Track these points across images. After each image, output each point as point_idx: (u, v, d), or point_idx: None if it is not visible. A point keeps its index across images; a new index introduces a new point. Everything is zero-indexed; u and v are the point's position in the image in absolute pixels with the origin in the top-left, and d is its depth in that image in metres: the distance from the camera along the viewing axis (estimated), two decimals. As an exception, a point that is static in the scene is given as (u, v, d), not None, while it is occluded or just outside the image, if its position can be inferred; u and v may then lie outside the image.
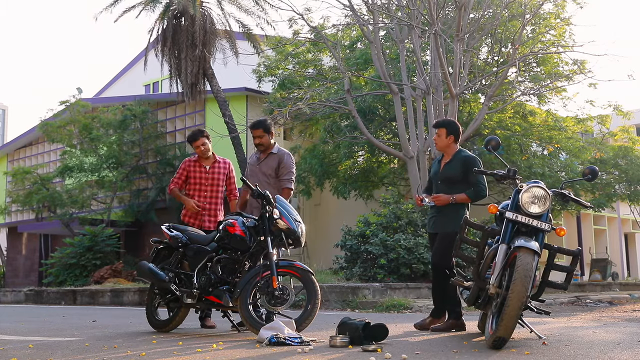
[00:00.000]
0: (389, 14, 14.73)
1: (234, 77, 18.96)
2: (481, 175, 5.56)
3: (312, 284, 5.38)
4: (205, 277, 5.65)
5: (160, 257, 6.11)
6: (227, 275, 5.62)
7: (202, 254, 5.73)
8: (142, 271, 6.01)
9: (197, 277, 5.69)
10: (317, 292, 5.37)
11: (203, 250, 5.73)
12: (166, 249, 6.09)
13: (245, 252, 5.58)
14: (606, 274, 19.34)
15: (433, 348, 4.56)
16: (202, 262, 5.70)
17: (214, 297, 5.58)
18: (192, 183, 6.70)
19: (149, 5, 18.28)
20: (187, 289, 5.67)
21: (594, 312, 8.61)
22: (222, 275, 5.62)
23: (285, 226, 5.39)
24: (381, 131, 17.62)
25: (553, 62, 16.41)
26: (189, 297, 5.64)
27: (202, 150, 6.65)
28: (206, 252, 5.72)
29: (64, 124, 21.01)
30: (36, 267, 24.71)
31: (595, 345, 4.56)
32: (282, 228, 5.39)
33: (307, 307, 5.31)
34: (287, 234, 5.42)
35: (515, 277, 4.28)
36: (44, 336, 5.80)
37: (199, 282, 5.67)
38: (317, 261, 16.71)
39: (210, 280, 5.62)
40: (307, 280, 5.39)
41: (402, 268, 10.95)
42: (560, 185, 5.12)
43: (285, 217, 5.42)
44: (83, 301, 14.34)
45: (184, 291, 5.66)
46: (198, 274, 5.70)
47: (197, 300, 5.67)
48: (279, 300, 5.27)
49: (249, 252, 5.55)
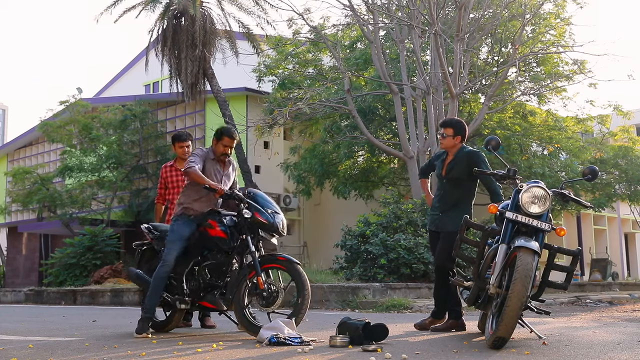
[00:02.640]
0: (389, 14, 14.74)
1: (234, 77, 18.96)
2: (489, 178, 5.51)
3: (299, 274, 5.26)
4: (195, 282, 5.58)
5: (146, 258, 6.08)
6: (216, 278, 5.54)
7: (186, 257, 5.61)
8: (131, 278, 6.06)
9: (187, 282, 5.61)
10: (304, 282, 5.24)
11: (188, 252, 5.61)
12: (151, 250, 6.05)
13: (229, 252, 5.49)
14: (606, 274, 19.33)
15: (433, 348, 4.56)
16: (188, 267, 5.61)
17: (207, 302, 5.53)
18: (171, 187, 6.75)
19: (149, 5, 18.27)
20: (179, 294, 5.59)
21: (594, 312, 8.61)
22: (211, 279, 5.55)
23: (263, 222, 5.33)
24: (381, 131, 17.62)
25: (553, 62, 16.42)
26: (182, 303, 5.57)
27: (186, 152, 6.68)
28: (189, 256, 5.61)
29: (64, 124, 21.01)
30: (36, 267, 24.70)
31: (595, 345, 4.56)
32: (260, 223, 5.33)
33: (298, 300, 5.26)
34: (266, 228, 5.37)
35: (515, 277, 4.28)
36: (44, 336, 5.79)
37: (189, 287, 5.60)
38: (317, 261, 16.71)
39: (200, 285, 5.55)
40: (293, 271, 5.30)
41: (402, 268, 10.95)
42: (560, 185, 5.11)
43: (259, 213, 5.33)
44: (83, 301, 14.34)
45: (176, 299, 5.59)
46: (187, 278, 5.62)
47: (190, 305, 5.62)
48: (270, 299, 5.24)
49: (233, 252, 5.46)
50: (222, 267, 5.51)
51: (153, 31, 18.24)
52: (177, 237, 5.53)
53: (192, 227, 5.57)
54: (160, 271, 5.47)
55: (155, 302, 5.54)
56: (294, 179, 18.16)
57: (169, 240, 5.55)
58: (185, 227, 5.55)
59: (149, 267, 5.90)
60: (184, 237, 5.53)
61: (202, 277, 5.56)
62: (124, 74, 28.74)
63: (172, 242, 5.52)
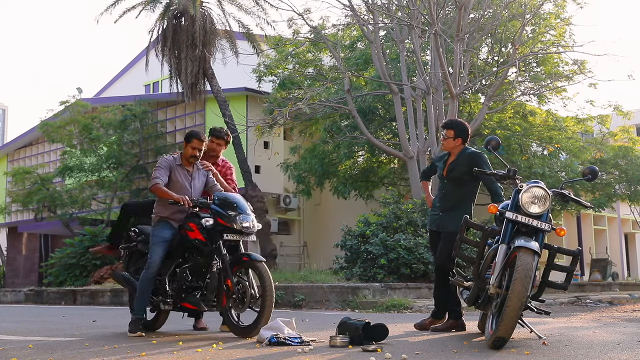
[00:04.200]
0: (389, 14, 14.74)
1: (234, 77, 18.95)
2: (490, 178, 5.51)
3: (260, 272, 5.29)
4: (177, 284, 5.71)
5: (134, 259, 6.19)
6: (197, 279, 5.65)
7: (169, 259, 5.74)
8: (117, 280, 6.24)
9: (169, 283, 5.74)
10: (265, 279, 5.24)
11: (169, 255, 5.75)
12: (137, 252, 6.17)
13: (209, 254, 5.55)
14: (606, 274, 19.33)
15: (433, 348, 4.56)
16: (170, 269, 5.74)
17: (189, 303, 5.66)
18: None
19: (149, 6, 18.26)
20: (162, 295, 5.73)
21: (594, 312, 8.61)
22: (192, 280, 5.66)
23: (226, 225, 5.40)
24: (381, 131, 17.62)
25: (553, 62, 16.41)
26: (165, 304, 5.73)
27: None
28: (171, 258, 5.74)
29: (64, 124, 20.99)
30: (36, 267, 24.69)
31: (595, 345, 4.56)
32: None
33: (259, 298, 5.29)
34: (230, 231, 5.44)
35: (515, 277, 4.28)
36: (44, 336, 5.79)
37: (172, 288, 5.72)
38: (317, 261, 16.72)
39: (182, 286, 5.67)
40: (254, 269, 5.36)
41: (402, 268, 10.94)
42: (560, 185, 5.11)
43: (221, 217, 5.41)
44: (83, 301, 14.34)
45: (159, 300, 5.73)
46: (170, 280, 5.75)
47: (173, 306, 5.75)
48: (239, 300, 5.36)
49: (212, 253, 5.52)
50: (202, 268, 5.63)
51: (153, 31, 18.24)
52: (160, 239, 5.69)
53: (173, 229, 5.74)
54: (146, 273, 5.64)
55: (144, 304, 5.72)
56: (294, 179, 18.16)
57: (152, 243, 5.72)
58: (166, 230, 5.73)
59: (136, 269, 6.04)
60: (166, 239, 5.69)
61: (183, 278, 5.70)
62: (124, 74, 28.74)
63: (155, 244, 5.69)
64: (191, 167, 5.88)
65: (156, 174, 5.71)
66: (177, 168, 5.81)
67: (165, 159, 5.85)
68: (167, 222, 5.75)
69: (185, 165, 5.85)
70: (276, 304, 10.30)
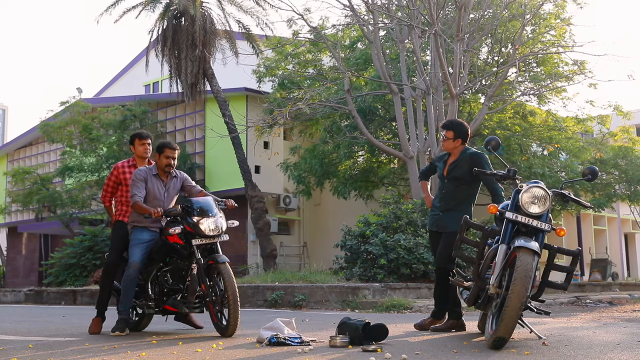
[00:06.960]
0: (389, 14, 14.74)
1: (234, 77, 18.96)
2: (490, 178, 5.50)
3: (223, 274, 5.34)
4: (158, 287, 5.86)
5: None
6: (177, 282, 5.79)
7: (151, 263, 5.89)
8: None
9: (152, 287, 5.90)
10: (226, 280, 5.30)
11: (151, 259, 5.89)
12: None
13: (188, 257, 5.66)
14: (606, 274, 19.34)
15: (433, 348, 4.56)
16: (152, 273, 5.89)
17: (170, 306, 5.79)
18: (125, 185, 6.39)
19: (149, 6, 18.27)
20: (145, 299, 5.89)
21: (594, 312, 8.61)
22: (173, 284, 5.81)
23: (191, 231, 5.50)
24: (381, 131, 17.62)
25: (553, 62, 16.41)
26: (148, 308, 5.89)
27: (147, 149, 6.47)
28: (153, 263, 5.88)
29: (64, 125, 20.99)
30: (36, 267, 24.70)
31: (595, 345, 4.56)
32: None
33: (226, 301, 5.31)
34: (198, 235, 5.51)
35: (515, 277, 4.28)
36: (44, 336, 5.80)
37: (154, 292, 5.87)
38: (317, 261, 16.72)
39: (163, 290, 5.82)
40: (219, 271, 5.41)
41: (402, 268, 10.95)
42: (560, 186, 5.11)
43: (188, 225, 5.51)
44: (83, 301, 14.33)
45: (142, 304, 5.90)
46: (152, 284, 5.90)
47: (155, 310, 5.89)
48: (220, 302, 5.43)
49: (191, 256, 5.60)
50: (182, 271, 5.75)
51: (153, 31, 18.25)
52: (138, 241, 5.87)
53: (150, 232, 5.89)
54: (128, 274, 5.80)
55: (129, 304, 5.88)
56: (294, 179, 18.16)
57: (131, 246, 5.90)
58: (144, 233, 5.89)
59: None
60: (144, 240, 5.86)
61: (164, 281, 5.84)
62: (124, 74, 28.73)
63: (134, 246, 5.87)
64: (166, 177, 6.01)
65: (134, 190, 5.81)
66: (152, 178, 5.95)
67: (140, 171, 5.96)
68: (144, 227, 5.92)
69: (160, 175, 5.99)
70: (276, 304, 10.38)
